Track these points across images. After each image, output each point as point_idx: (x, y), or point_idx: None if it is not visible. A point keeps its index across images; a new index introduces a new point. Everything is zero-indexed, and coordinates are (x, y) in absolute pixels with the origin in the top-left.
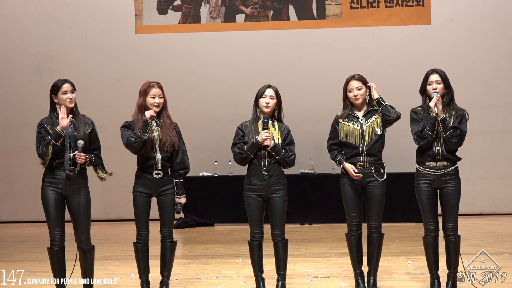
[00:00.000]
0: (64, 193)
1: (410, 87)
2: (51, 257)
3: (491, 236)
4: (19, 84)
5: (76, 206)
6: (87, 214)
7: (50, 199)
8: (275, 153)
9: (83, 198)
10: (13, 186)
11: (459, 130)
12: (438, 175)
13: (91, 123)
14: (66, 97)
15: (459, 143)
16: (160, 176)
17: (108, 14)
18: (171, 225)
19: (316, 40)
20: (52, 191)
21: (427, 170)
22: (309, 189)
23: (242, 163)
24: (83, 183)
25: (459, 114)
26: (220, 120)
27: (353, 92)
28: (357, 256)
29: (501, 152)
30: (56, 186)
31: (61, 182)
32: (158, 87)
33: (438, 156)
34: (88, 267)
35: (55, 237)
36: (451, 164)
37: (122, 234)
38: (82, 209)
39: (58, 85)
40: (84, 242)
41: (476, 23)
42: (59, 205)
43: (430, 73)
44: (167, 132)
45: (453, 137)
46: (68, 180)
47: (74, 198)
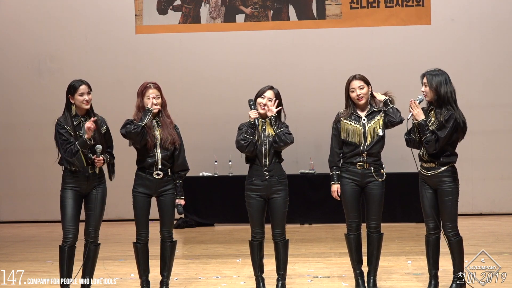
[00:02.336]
0: (84, 192)
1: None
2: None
3: (491, 236)
4: (19, 84)
5: (93, 199)
6: (101, 208)
7: (69, 197)
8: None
9: (101, 192)
10: (13, 186)
11: (435, 135)
12: (429, 176)
13: (105, 123)
14: (83, 98)
15: (433, 148)
16: (160, 176)
17: (108, 14)
18: (171, 225)
19: (316, 40)
20: (72, 190)
21: (422, 170)
22: (309, 189)
23: (247, 150)
24: (101, 177)
25: (445, 119)
26: (220, 120)
27: (356, 92)
28: (357, 256)
29: (501, 152)
30: (76, 186)
31: (81, 181)
32: (155, 87)
33: (424, 158)
34: (90, 265)
35: (69, 235)
36: (440, 166)
37: (122, 234)
38: (98, 203)
39: (76, 86)
40: (93, 235)
41: (476, 23)
42: (77, 204)
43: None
44: (168, 131)
45: (428, 141)
46: (87, 180)
47: (92, 192)
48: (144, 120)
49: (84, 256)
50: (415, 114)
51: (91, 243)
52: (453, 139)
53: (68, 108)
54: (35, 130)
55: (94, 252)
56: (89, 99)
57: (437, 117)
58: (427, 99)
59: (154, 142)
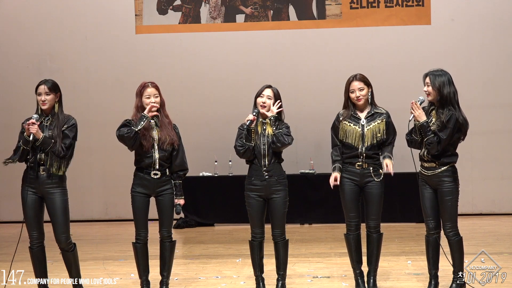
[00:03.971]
0: (39, 194)
1: (410, 87)
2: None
3: (491, 236)
4: (19, 84)
5: (50, 205)
6: (64, 214)
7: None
8: (273, 125)
9: (58, 197)
10: (13, 186)
11: (437, 137)
12: (429, 175)
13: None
14: (39, 99)
15: (435, 150)
16: (158, 176)
17: (108, 14)
18: (170, 225)
19: (316, 40)
20: (27, 190)
21: (422, 170)
22: (309, 189)
23: (245, 156)
24: (56, 183)
25: (446, 120)
26: (220, 120)
27: (355, 93)
28: (357, 256)
29: (501, 152)
30: (30, 185)
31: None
32: (153, 86)
33: (425, 158)
34: (73, 266)
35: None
36: (440, 166)
37: (122, 234)
38: (58, 210)
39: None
40: (64, 242)
41: (476, 23)
42: (36, 206)
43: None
44: (166, 131)
45: (430, 143)
46: (40, 181)
47: (49, 199)
48: (138, 126)
49: (64, 262)
50: (416, 115)
51: (65, 250)
52: (454, 139)
53: (37, 107)
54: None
55: (74, 254)
56: (45, 99)
57: (438, 117)
58: (429, 99)
59: (152, 143)
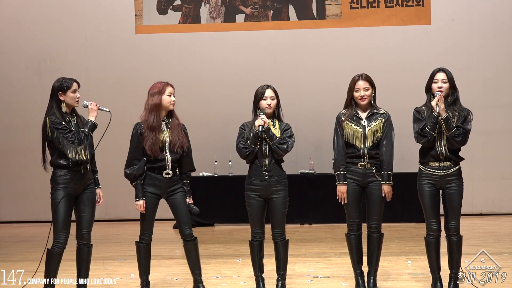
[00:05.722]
0: (75, 193)
1: (410, 87)
2: (51, 258)
3: (491, 236)
4: (19, 84)
5: (84, 200)
6: (93, 209)
7: (62, 199)
8: (268, 137)
9: (91, 193)
10: (13, 186)
11: (462, 129)
12: (441, 175)
13: None
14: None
15: (463, 142)
16: (170, 176)
17: (108, 14)
18: (190, 222)
19: (316, 40)
20: (64, 191)
21: (430, 170)
22: (309, 189)
23: (248, 158)
24: (91, 178)
25: (462, 114)
26: (220, 120)
27: (360, 93)
28: (357, 256)
29: (501, 152)
30: (69, 187)
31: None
32: (171, 86)
33: (441, 157)
34: (84, 264)
35: (60, 239)
36: (454, 165)
37: (122, 234)
38: (90, 204)
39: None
40: (86, 237)
41: (476, 23)
42: (70, 206)
43: (436, 72)
44: (176, 134)
45: (457, 135)
46: (81, 179)
47: (84, 193)
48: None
49: (78, 258)
50: (441, 108)
51: (84, 245)
52: None
53: (58, 106)
54: (35, 130)
55: (88, 254)
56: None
57: (453, 113)
58: (443, 94)
59: (162, 145)
